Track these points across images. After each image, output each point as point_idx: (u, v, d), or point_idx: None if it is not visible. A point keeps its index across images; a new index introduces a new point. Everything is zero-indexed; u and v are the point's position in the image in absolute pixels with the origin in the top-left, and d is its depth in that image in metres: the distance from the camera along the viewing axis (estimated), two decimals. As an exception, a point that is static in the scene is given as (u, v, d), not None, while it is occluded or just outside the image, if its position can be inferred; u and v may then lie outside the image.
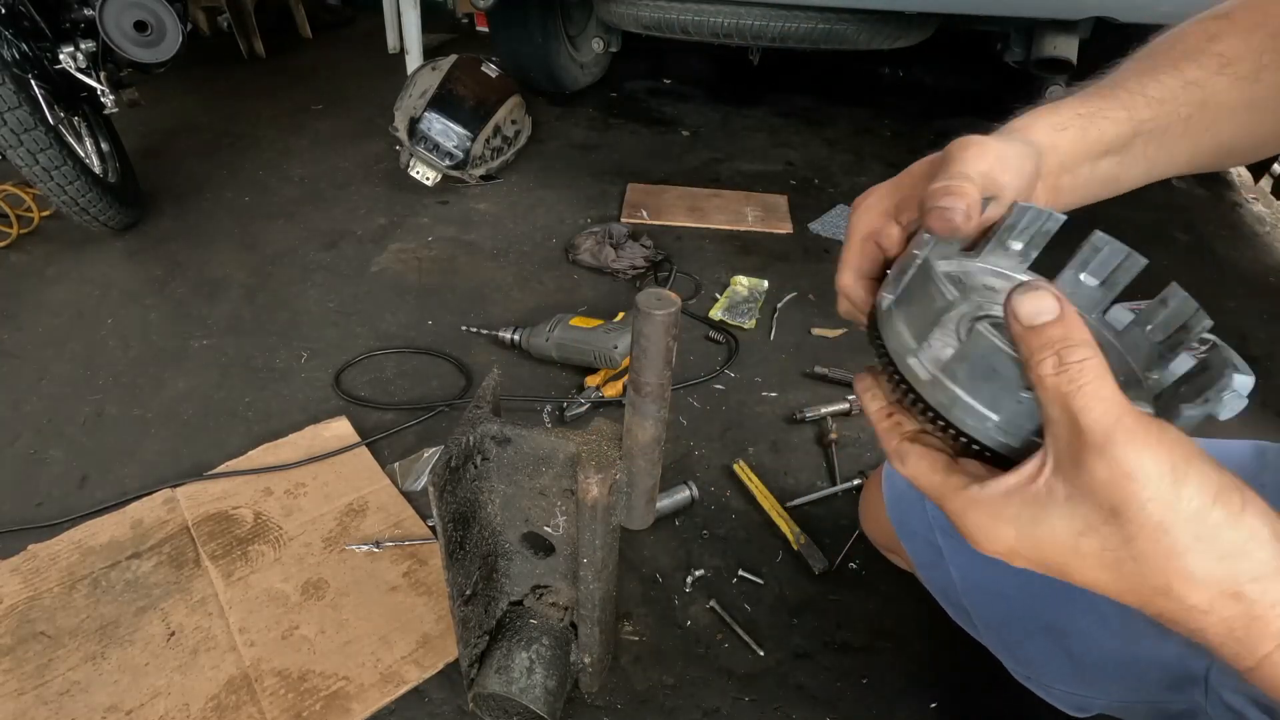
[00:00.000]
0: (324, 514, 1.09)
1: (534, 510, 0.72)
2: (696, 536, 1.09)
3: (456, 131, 1.94)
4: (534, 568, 0.78)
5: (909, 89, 2.96)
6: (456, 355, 1.42)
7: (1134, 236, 0.49)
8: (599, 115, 2.56)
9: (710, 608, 0.99)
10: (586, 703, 0.88)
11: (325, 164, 2.17)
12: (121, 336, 1.46)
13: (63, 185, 1.49)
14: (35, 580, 0.98)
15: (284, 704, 0.86)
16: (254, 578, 1.00)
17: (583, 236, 1.73)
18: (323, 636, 0.93)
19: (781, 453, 1.24)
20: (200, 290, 1.60)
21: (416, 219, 1.90)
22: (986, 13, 1.65)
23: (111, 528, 1.06)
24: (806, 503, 1.14)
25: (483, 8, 2.08)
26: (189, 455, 1.19)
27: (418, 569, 1.01)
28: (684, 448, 1.24)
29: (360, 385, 1.35)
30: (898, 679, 0.93)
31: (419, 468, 1.16)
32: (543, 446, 0.66)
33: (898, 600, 1.02)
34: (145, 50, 1.56)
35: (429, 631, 0.94)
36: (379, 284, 1.64)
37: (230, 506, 1.09)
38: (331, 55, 3.09)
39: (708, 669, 0.93)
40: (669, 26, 1.99)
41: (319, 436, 1.22)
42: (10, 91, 1.36)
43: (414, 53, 2.43)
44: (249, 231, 1.82)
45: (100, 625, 0.93)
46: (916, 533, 0.81)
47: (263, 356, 1.41)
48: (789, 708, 0.89)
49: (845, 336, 1.51)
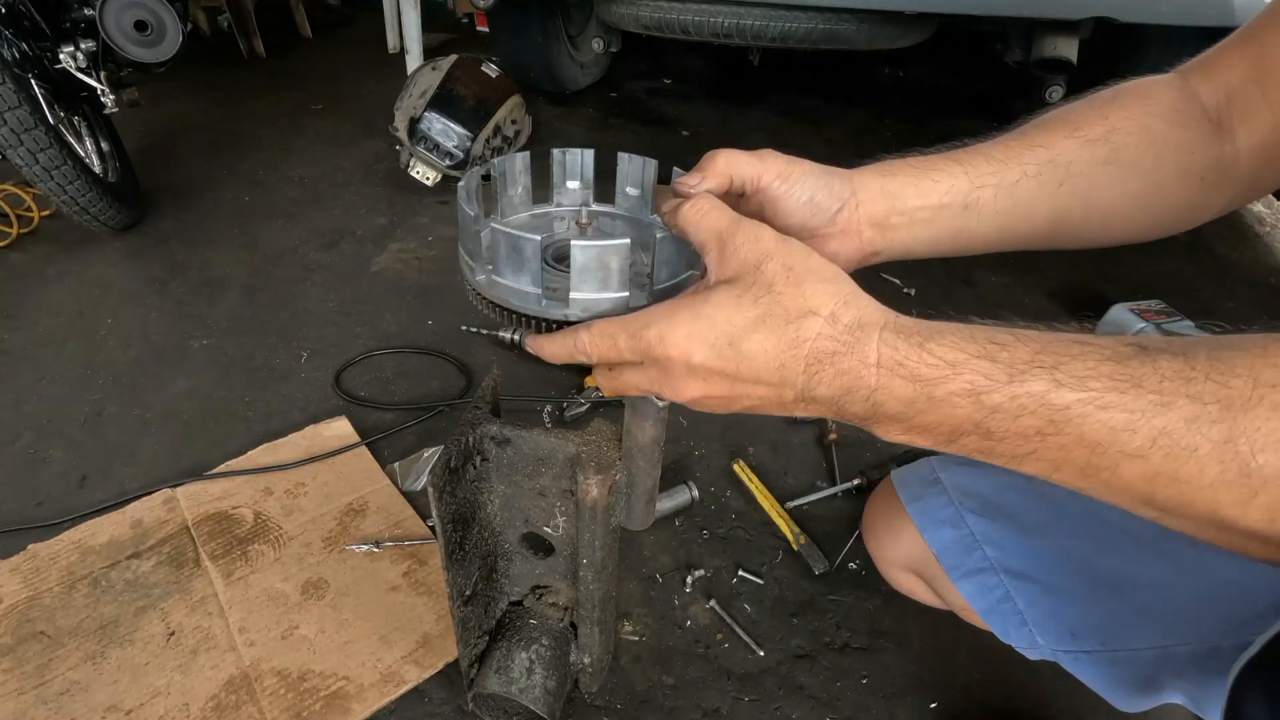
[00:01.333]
0: (324, 514, 1.09)
1: (534, 511, 0.72)
2: (696, 536, 1.09)
3: (456, 131, 1.94)
4: (534, 568, 0.78)
5: (909, 89, 2.96)
6: (456, 355, 1.42)
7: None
8: (599, 115, 2.56)
9: (710, 608, 0.99)
10: (586, 703, 0.88)
11: (325, 164, 2.17)
12: (121, 336, 1.46)
13: (63, 185, 1.49)
14: (35, 580, 0.98)
15: (284, 704, 0.86)
16: (254, 577, 1.00)
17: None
18: (323, 636, 0.93)
19: (781, 453, 1.24)
20: (200, 290, 1.60)
21: (416, 219, 1.90)
22: (986, 13, 1.65)
23: (111, 527, 1.06)
24: (806, 503, 1.14)
25: (483, 8, 2.08)
26: (189, 455, 1.19)
27: (418, 569, 1.01)
28: (684, 448, 1.24)
29: (360, 385, 1.35)
30: (898, 679, 0.93)
31: (419, 468, 1.16)
32: (542, 447, 0.66)
33: (898, 600, 1.02)
34: (145, 50, 1.56)
35: (429, 631, 0.94)
36: (379, 284, 1.64)
37: (230, 506, 1.09)
38: (331, 55, 3.09)
39: (708, 669, 0.93)
40: (669, 26, 1.99)
41: (319, 436, 1.22)
42: (10, 91, 1.36)
43: (414, 52, 2.43)
44: (249, 231, 1.83)
45: (100, 625, 0.93)
46: (944, 521, 0.78)
47: (263, 356, 1.41)
48: (789, 708, 0.89)
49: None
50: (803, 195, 0.54)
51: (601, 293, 0.49)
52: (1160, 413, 0.34)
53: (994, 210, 0.56)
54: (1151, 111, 0.57)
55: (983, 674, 0.94)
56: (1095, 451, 0.36)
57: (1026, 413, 0.37)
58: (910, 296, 1.67)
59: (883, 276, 1.73)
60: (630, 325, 0.45)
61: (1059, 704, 0.91)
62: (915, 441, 0.42)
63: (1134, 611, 0.66)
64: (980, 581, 0.74)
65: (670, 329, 0.43)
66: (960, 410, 0.39)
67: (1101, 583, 0.68)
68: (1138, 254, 1.85)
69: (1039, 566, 0.71)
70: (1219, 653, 0.62)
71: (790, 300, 0.42)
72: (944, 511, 0.77)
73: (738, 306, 0.42)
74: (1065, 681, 0.95)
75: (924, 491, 0.79)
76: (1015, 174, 0.56)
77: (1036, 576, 0.71)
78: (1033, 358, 0.37)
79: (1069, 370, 0.36)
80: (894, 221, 0.57)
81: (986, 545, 0.74)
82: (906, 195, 0.56)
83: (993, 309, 1.64)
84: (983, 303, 1.67)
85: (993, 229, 0.57)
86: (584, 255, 0.48)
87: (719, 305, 0.43)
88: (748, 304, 0.42)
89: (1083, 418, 0.36)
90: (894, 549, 0.85)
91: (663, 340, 0.44)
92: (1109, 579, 0.68)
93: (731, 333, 0.42)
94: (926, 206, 0.56)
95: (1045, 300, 1.68)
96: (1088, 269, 1.79)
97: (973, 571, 0.74)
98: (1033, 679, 0.94)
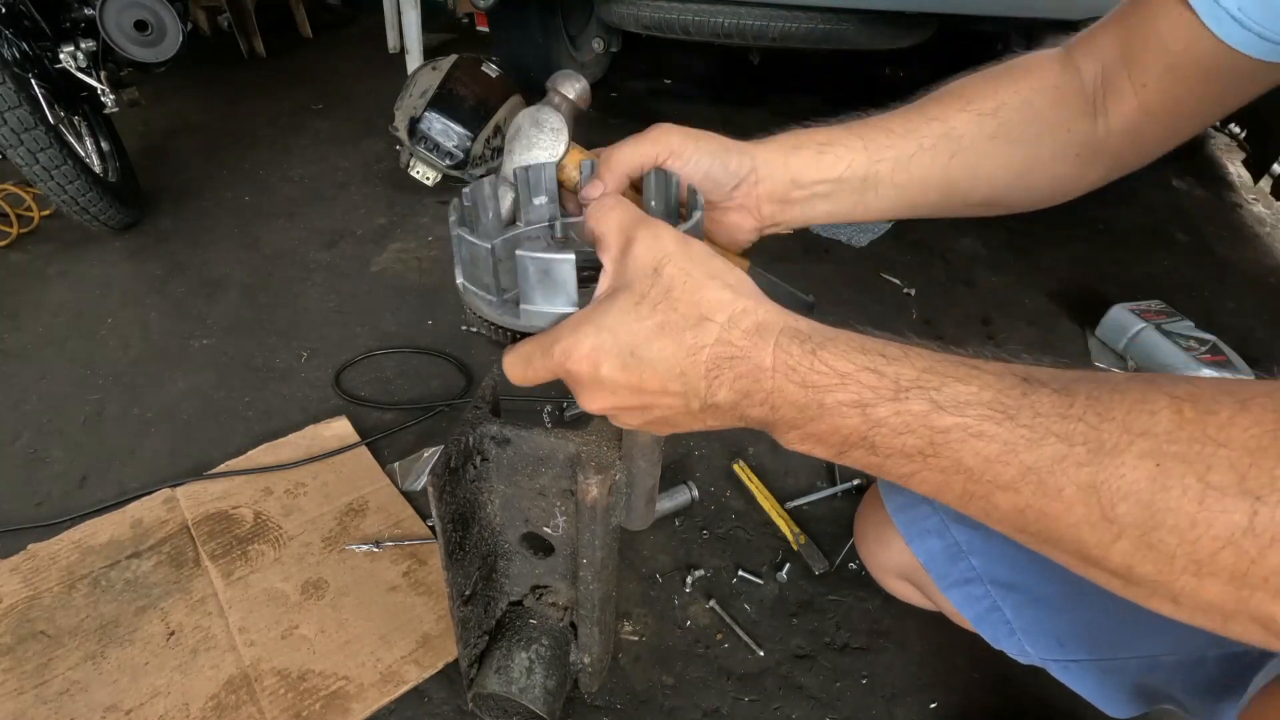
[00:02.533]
0: (324, 514, 1.09)
1: (533, 511, 0.72)
2: (696, 536, 1.09)
3: (457, 131, 1.94)
4: (533, 568, 0.78)
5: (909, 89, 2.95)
6: (457, 355, 1.42)
7: (1136, 237, 0.50)
8: (599, 115, 2.55)
9: (710, 608, 0.99)
10: (586, 702, 0.88)
11: (325, 163, 2.17)
12: (121, 336, 1.46)
13: (63, 185, 1.49)
14: (35, 580, 0.98)
15: (284, 703, 0.86)
16: (254, 577, 1.00)
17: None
18: (322, 636, 0.93)
19: (781, 453, 1.24)
20: (200, 290, 1.60)
21: (417, 219, 1.90)
22: (986, 13, 1.65)
23: (111, 527, 1.06)
24: (806, 503, 1.14)
25: (483, 7, 2.08)
26: (189, 455, 1.19)
27: (417, 569, 1.01)
28: (684, 448, 1.24)
29: (360, 385, 1.35)
30: (898, 679, 0.93)
31: (419, 468, 1.16)
32: (542, 447, 0.66)
33: (897, 601, 1.02)
34: (145, 50, 1.56)
35: (429, 631, 0.94)
36: (379, 283, 1.64)
37: (230, 506, 1.09)
38: (332, 55, 3.09)
39: (708, 669, 0.93)
40: (669, 27, 1.99)
41: (319, 436, 1.22)
42: (10, 91, 1.36)
43: (414, 52, 2.43)
44: (249, 231, 1.82)
45: (100, 625, 0.93)
46: (929, 531, 0.78)
47: (263, 356, 1.41)
48: (789, 708, 0.89)
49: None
50: (697, 172, 0.55)
51: (547, 306, 0.47)
52: (1030, 449, 0.34)
53: (891, 183, 0.59)
54: (1035, 88, 0.59)
55: (982, 674, 0.94)
56: (971, 479, 0.36)
57: (909, 431, 0.37)
58: (910, 297, 1.67)
59: (882, 276, 1.73)
60: (542, 343, 0.45)
61: (1059, 704, 0.91)
62: (813, 451, 0.42)
63: (1119, 621, 0.66)
64: (968, 591, 0.74)
65: (575, 344, 0.43)
66: (849, 421, 0.38)
67: (1086, 592, 0.67)
68: (1138, 254, 1.85)
69: (1024, 576, 0.71)
70: (1205, 662, 0.62)
71: (687, 307, 0.41)
72: (929, 521, 0.77)
73: (637, 315, 0.42)
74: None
75: (908, 501, 0.79)
76: (912, 147, 0.58)
77: (1022, 586, 0.71)
78: (918, 376, 0.37)
79: (951, 393, 0.36)
80: (793, 196, 0.58)
81: (972, 555, 0.74)
82: (807, 171, 0.58)
83: (993, 309, 1.64)
84: (983, 303, 1.66)
85: (888, 200, 0.60)
86: (532, 267, 0.46)
87: (620, 315, 0.42)
88: (646, 311, 0.42)
89: (960, 443, 0.36)
90: (885, 556, 0.85)
91: (568, 355, 0.43)
92: (1093, 588, 0.68)
93: (633, 343, 0.42)
94: (826, 180, 0.58)
95: (1045, 300, 1.68)
96: (1088, 269, 1.79)
97: (960, 581, 0.75)
98: (1032, 679, 0.94)
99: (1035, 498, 0.34)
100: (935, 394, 0.36)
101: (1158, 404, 0.32)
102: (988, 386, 0.36)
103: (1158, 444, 0.32)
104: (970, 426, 0.35)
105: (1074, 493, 0.33)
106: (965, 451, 0.35)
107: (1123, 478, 0.32)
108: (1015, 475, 0.34)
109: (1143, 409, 0.33)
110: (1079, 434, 0.33)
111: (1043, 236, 1.88)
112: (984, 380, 0.36)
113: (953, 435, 0.36)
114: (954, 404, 0.36)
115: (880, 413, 0.37)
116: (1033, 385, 0.35)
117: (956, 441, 0.36)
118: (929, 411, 0.36)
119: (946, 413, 0.36)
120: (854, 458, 0.40)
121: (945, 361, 0.38)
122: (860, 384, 0.38)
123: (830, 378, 0.39)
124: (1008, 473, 0.35)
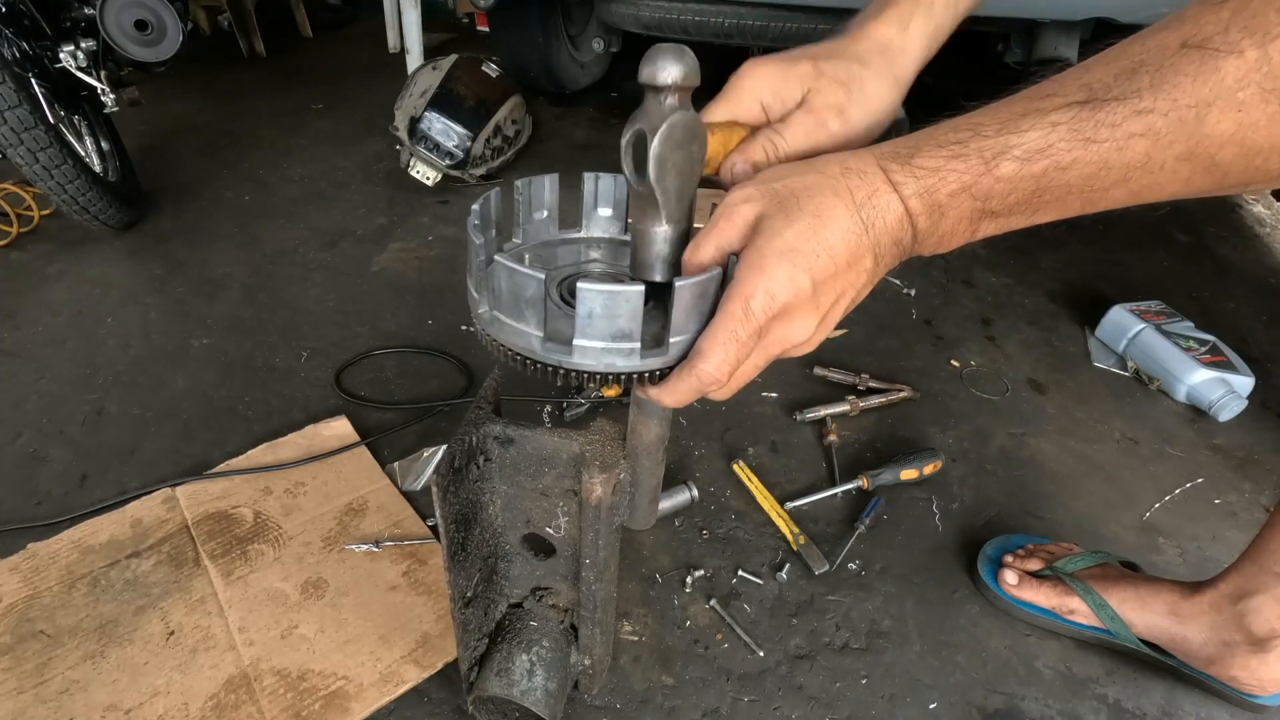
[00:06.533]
0: (324, 513, 1.09)
1: (535, 511, 0.72)
2: (696, 536, 1.09)
3: (457, 131, 1.94)
4: (534, 569, 0.78)
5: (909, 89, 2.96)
6: (457, 354, 1.42)
7: (1136, 237, 0.51)
8: (599, 115, 2.56)
9: (710, 608, 0.99)
10: (586, 703, 0.88)
11: (325, 163, 2.16)
12: (121, 335, 1.45)
13: (63, 184, 1.49)
14: (35, 579, 0.98)
15: (283, 703, 0.86)
16: (253, 577, 0.99)
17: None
18: (322, 636, 0.93)
19: (781, 453, 1.24)
20: (200, 289, 1.60)
21: (417, 218, 1.90)
22: (986, 13, 1.65)
23: (111, 527, 1.05)
24: (806, 503, 1.14)
25: (483, 7, 2.08)
26: (189, 454, 1.19)
27: (417, 569, 1.01)
28: (684, 448, 1.24)
29: (360, 384, 1.35)
30: (898, 679, 0.93)
31: (419, 467, 1.16)
32: (546, 447, 0.66)
33: (898, 600, 1.02)
34: (145, 49, 1.56)
35: (429, 631, 0.94)
36: (379, 283, 1.64)
37: (230, 505, 1.09)
38: (332, 54, 3.09)
39: (707, 669, 0.93)
40: (669, 27, 1.99)
41: (319, 436, 1.22)
42: (10, 90, 1.36)
43: (414, 52, 2.43)
44: (249, 230, 1.82)
45: (99, 624, 0.93)
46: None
47: (263, 355, 1.41)
48: (789, 708, 0.89)
49: (845, 337, 1.51)
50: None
51: (610, 342, 0.45)
52: (1119, 154, 0.39)
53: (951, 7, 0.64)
54: None
55: (982, 674, 0.94)
56: (1083, 196, 0.42)
57: (1013, 190, 0.42)
58: (910, 297, 1.67)
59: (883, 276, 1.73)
60: (734, 314, 0.45)
61: (1059, 705, 0.91)
62: (950, 244, 0.47)
63: None
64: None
65: (769, 280, 0.43)
66: (963, 205, 0.44)
67: None
68: (1138, 254, 1.86)
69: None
70: None
71: (811, 182, 0.45)
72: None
73: (790, 222, 0.44)
74: (1065, 682, 0.95)
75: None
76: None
77: None
78: (994, 143, 0.42)
79: (1029, 146, 0.41)
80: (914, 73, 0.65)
81: None
82: (927, 46, 0.65)
83: (993, 309, 1.64)
84: (983, 303, 1.67)
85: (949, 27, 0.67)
86: (592, 301, 0.43)
87: (779, 234, 0.44)
88: (795, 214, 0.44)
89: (1058, 174, 0.41)
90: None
91: (773, 295, 0.44)
92: None
93: (810, 237, 0.44)
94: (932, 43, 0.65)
95: (1045, 300, 1.68)
96: (1088, 269, 1.79)
97: None
98: (1032, 679, 0.94)
99: (1143, 180, 0.40)
100: (1017, 151, 0.41)
101: (1215, 61, 0.36)
102: (1056, 125, 0.40)
103: (1232, 95, 0.35)
104: (1060, 160, 0.40)
105: (1174, 163, 0.38)
106: (1069, 178, 0.41)
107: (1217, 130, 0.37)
108: (1118, 177, 0.40)
109: (1207, 71, 0.36)
110: (1160, 127, 0.37)
111: (1043, 236, 1.88)
112: (1052, 120, 0.40)
113: (1050, 174, 0.41)
114: (1038, 151, 0.40)
115: (983, 186, 0.42)
116: (1094, 106, 0.39)
117: (1055, 176, 0.41)
118: (1019, 167, 0.41)
119: (1033, 161, 0.41)
120: (984, 229, 0.45)
121: (1011, 117, 0.42)
122: (956, 172, 0.43)
123: (929, 178, 0.43)
124: (1110, 176, 0.40)
